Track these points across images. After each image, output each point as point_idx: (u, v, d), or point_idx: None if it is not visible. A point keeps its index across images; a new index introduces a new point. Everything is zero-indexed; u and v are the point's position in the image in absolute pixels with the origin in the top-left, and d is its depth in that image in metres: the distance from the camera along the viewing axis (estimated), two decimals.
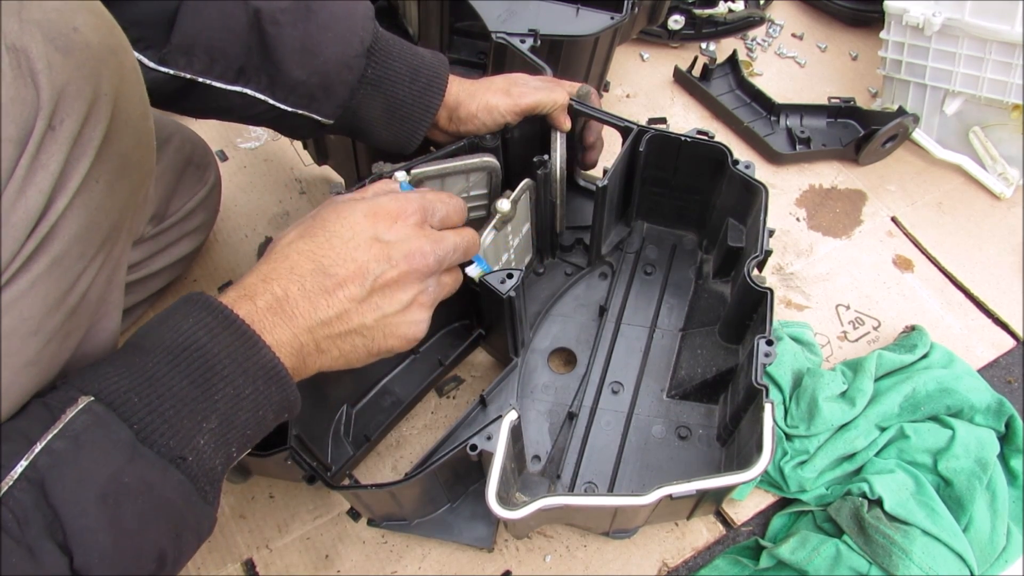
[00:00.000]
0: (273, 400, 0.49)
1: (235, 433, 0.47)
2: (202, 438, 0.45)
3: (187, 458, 0.44)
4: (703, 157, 0.79)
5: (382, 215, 0.56)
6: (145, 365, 0.45)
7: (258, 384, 0.48)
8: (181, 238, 0.89)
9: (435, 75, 0.71)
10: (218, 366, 0.46)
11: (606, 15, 0.94)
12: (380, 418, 0.81)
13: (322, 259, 0.53)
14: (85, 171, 0.43)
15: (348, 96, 0.67)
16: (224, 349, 0.46)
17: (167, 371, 0.45)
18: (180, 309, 0.48)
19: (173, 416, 0.44)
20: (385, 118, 0.70)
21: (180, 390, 0.45)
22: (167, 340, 0.46)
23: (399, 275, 0.55)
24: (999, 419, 0.81)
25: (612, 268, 0.90)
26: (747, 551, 0.78)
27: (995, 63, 0.94)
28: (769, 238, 0.72)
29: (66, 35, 0.41)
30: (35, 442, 0.40)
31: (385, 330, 0.56)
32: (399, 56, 0.69)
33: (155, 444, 0.43)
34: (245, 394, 0.47)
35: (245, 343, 0.47)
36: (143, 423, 0.43)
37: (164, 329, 0.46)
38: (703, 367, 0.80)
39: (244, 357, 0.47)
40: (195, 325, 0.46)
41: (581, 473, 0.77)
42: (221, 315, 0.47)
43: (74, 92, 0.41)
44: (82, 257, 0.46)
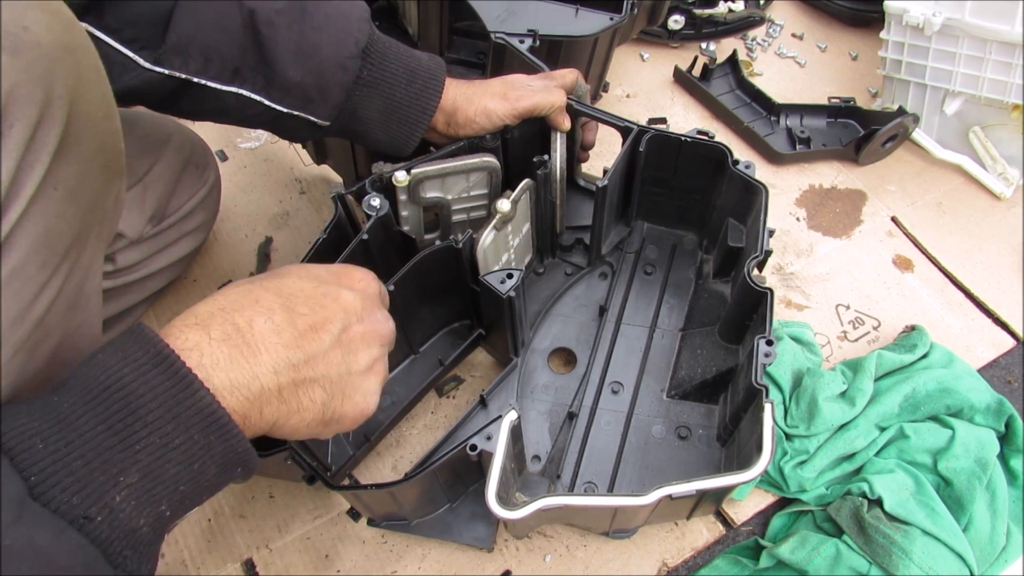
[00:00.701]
0: (214, 452, 0.42)
1: (164, 489, 0.40)
2: (118, 494, 0.39)
3: (94, 518, 0.38)
4: (703, 157, 0.79)
5: (345, 275, 0.54)
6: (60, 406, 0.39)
7: (192, 432, 0.41)
8: (181, 238, 0.89)
9: (432, 77, 0.71)
10: (141, 410, 0.39)
11: (605, 15, 0.94)
12: (380, 418, 0.81)
13: (291, 297, 0.48)
14: (40, 178, 0.41)
15: (344, 98, 0.67)
16: (151, 391, 0.40)
17: (81, 413, 0.39)
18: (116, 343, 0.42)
19: (81, 468, 0.38)
20: (381, 120, 0.70)
21: (93, 436, 0.38)
22: (90, 378, 0.40)
23: (364, 332, 0.51)
24: (999, 419, 0.81)
25: (612, 268, 0.90)
26: (747, 551, 0.78)
27: (995, 63, 0.94)
28: (769, 238, 0.72)
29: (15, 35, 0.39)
30: None
31: (344, 389, 0.50)
32: (395, 58, 0.69)
33: (52, 500, 0.37)
34: (175, 444, 0.40)
35: (177, 383, 0.40)
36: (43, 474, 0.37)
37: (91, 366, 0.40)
38: (703, 367, 0.80)
39: (175, 401, 0.40)
40: (122, 361, 0.40)
41: (581, 473, 0.77)
42: (153, 349, 0.41)
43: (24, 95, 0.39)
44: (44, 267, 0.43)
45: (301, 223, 1.02)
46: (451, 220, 0.79)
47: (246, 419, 0.44)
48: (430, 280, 0.75)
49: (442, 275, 0.76)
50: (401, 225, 0.75)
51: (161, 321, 0.94)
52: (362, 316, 0.51)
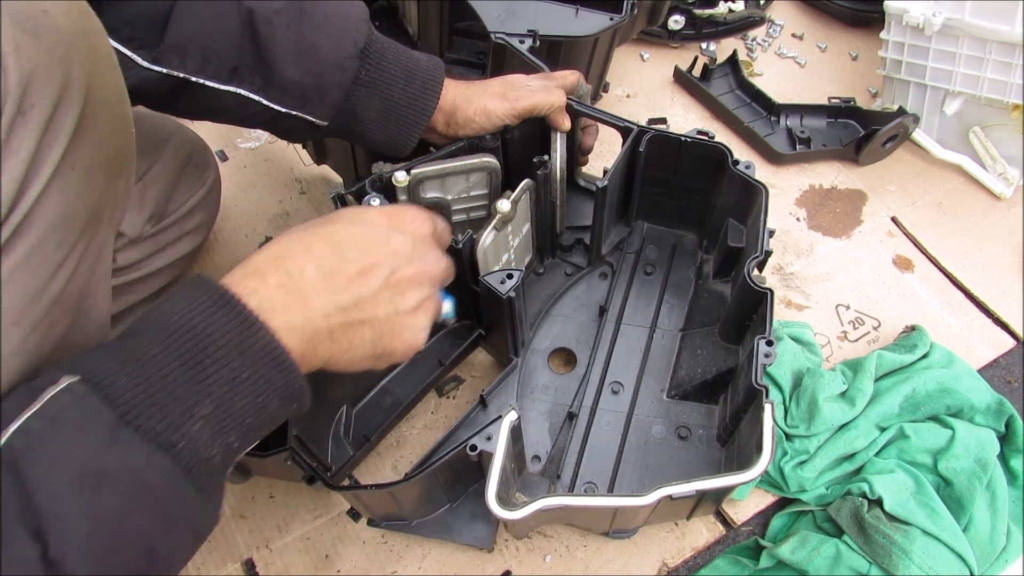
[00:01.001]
0: (276, 386, 0.45)
1: (233, 421, 0.44)
2: (195, 424, 0.42)
3: (177, 444, 0.41)
4: (703, 157, 0.79)
5: (397, 216, 0.55)
6: (136, 347, 0.42)
7: (257, 367, 0.44)
8: (181, 237, 0.89)
9: (430, 78, 0.71)
10: (211, 347, 0.43)
11: (605, 16, 0.94)
12: (380, 418, 0.81)
13: (340, 243, 0.50)
14: (59, 157, 0.42)
15: (342, 98, 0.67)
16: (218, 330, 0.43)
17: (157, 352, 0.42)
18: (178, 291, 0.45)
19: (162, 399, 0.41)
20: (380, 120, 0.70)
21: (170, 372, 0.42)
22: (160, 321, 0.43)
23: (414, 273, 0.53)
24: (999, 419, 0.81)
25: (612, 268, 0.90)
26: (747, 551, 0.78)
27: (995, 63, 0.94)
28: (769, 238, 0.72)
29: (35, 18, 0.40)
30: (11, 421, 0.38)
31: (393, 328, 0.53)
32: (394, 58, 0.69)
33: (140, 427, 0.40)
34: (242, 378, 0.43)
35: (240, 323, 0.44)
36: (129, 405, 0.40)
37: (159, 312, 0.44)
38: (703, 367, 0.80)
39: (240, 338, 0.44)
40: (189, 305, 0.43)
41: (581, 473, 0.77)
42: (216, 294, 0.44)
43: (44, 77, 0.41)
44: (61, 245, 0.45)
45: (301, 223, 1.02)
46: (451, 220, 0.79)
47: (302, 357, 0.47)
48: None
49: None
50: None
51: None
52: (412, 258, 0.53)
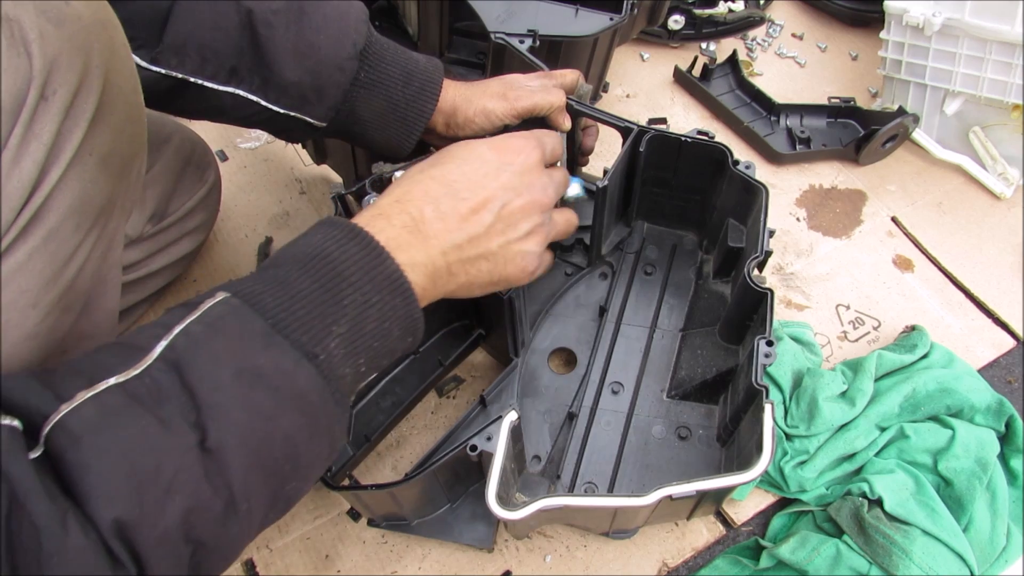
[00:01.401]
0: (399, 314, 0.49)
1: (363, 342, 0.47)
2: (333, 341, 0.45)
3: (319, 356, 0.44)
4: (703, 157, 0.79)
5: (507, 148, 0.58)
6: (276, 273, 0.46)
7: (384, 294, 0.48)
8: (181, 237, 0.89)
9: (429, 79, 0.71)
10: (346, 272, 0.46)
11: (605, 16, 0.94)
12: (380, 418, 0.81)
13: (454, 184, 0.54)
14: (78, 143, 0.44)
15: (340, 99, 0.67)
16: (351, 258, 0.47)
17: (297, 276, 0.45)
18: (310, 230, 0.49)
19: (305, 315, 0.44)
20: (379, 121, 0.70)
21: (310, 292, 0.45)
22: (297, 252, 0.47)
23: (524, 204, 0.57)
24: (999, 419, 0.81)
25: (612, 268, 0.90)
26: (747, 551, 0.78)
27: (995, 63, 0.94)
28: (769, 238, 0.72)
29: (58, 7, 0.42)
30: (174, 327, 0.41)
31: (507, 256, 0.57)
32: (393, 60, 0.69)
33: (289, 336, 0.43)
34: (372, 302, 0.47)
35: (371, 253, 0.48)
36: (276, 318, 0.43)
37: (293, 246, 0.48)
38: (703, 367, 0.80)
39: (371, 266, 0.47)
40: (323, 238, 0.47)
41: (581, 473, 0.77)
42: (347, 229, 0.48)
43: (66, 63, 0.42)
44: (77, 230, 0.46)
45: (301, 223, 1.02)
46: None
47: (424, 291, 0.51)
48: None
49: None
50: None
51: None
52: (520, 189, 0.57)
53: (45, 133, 0.42)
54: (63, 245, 0.46)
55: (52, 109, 0.42)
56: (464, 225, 0.54)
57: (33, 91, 0.41)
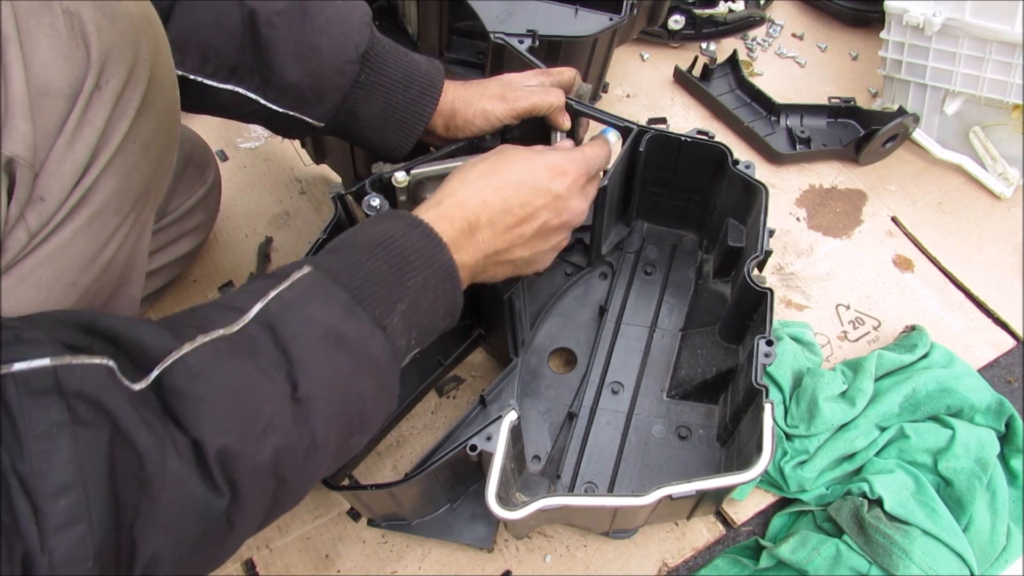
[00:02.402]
0: (447, 297, 0.55)
1: (418, 319, 0.53)
2: (396, 316, 0.50)
3: (387, 327, 0.50)
4: (703, 157, 0.79)
5: (559, 171, 0.63)
6: (348, 255, 0.51)
7: (439, 279, 0.54)
8: (180, 237, 0.89)
9: (430, 83, 0.71)
10: (411, 256, 0.52)
11: (605, 16, 0.94)
12: None
13: (508, 198, 0.60)
14: (125, 130, 0.46)
15: (340, 101, 0.67)
16: (414, 244, 0.53)
17: (368, 258, 0.51)
18: (372, 220, 0.55)
19: (376, 291, 0.50)
20: (378, 123, 0.70)
21: (380, 272, 0.50)
22: (365, 238, 0.52)
23: (559, 224, 0.64)
24: (999, 419, 0.81)
25: (612, 268, 0.90)
26: (747, 551, 0.78)
27: (995, 63, 0.94)
28: (769, 238, 0.72)
29: (112, 4, 0.45)
30: (267, 293, 0.46)
31: (530, 260, 0.65)
32: (394, 62, 0.69)
33: (366, 308, 0.49)
34: (430, 284, 0.53)
35: (431, 242, 0.54)
36: (355, 292, 0.49)
37: (360, 232, 0.53)
38: (703, 367, 0.80)
39: (431, 253, 0.53)
40: (389, 226, 0.53)
41: (581, 473, 0.77)
42: (411, 220, 0.54)
43: (118, 55, 0.45)
44: (117, 213, 0.49)
45: (301, 223, 1.02)
46: None
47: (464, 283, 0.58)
48: None
49: None
50: None
51: None
52: (561, 211, 0.64)
53: (98, 119, 0.44)
54: (104, 227, 0.48)
55: (105, 97, 0.45)
56: (507, 235, 0.61)
57: (90, 80, 0.43)
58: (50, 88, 0.42)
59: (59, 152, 0.43)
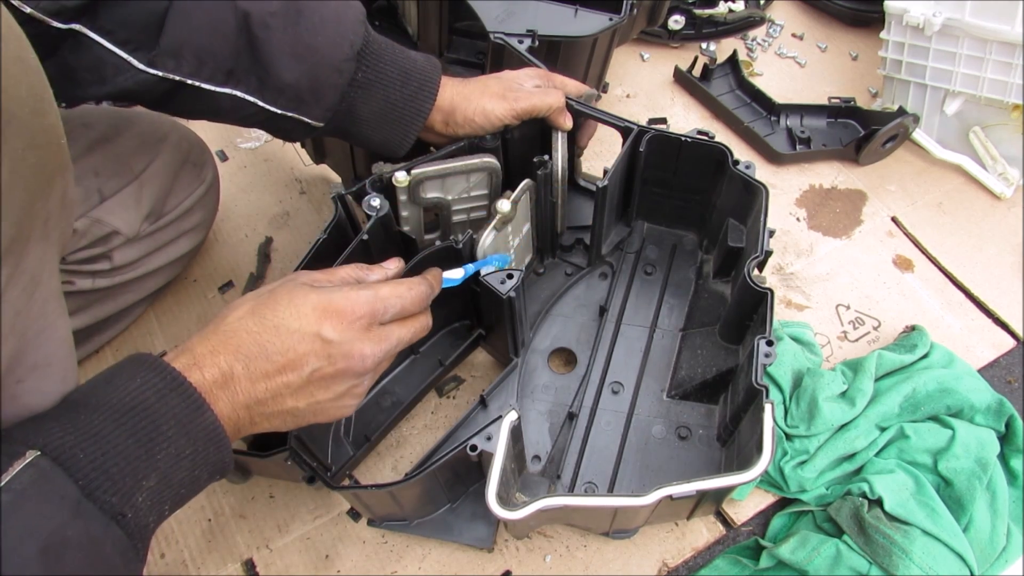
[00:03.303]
0: (210, 461, 0.50)
1: (171, 492, 0.47)
2: (141, 495, 0.45)
3: (127, 515, 0.44)
4: (703, 157, 0.79)
5: (331, 312, 0.55)
6: (91, 422, 0.44)
7: (198, 446, 0.48)
8: (179, 236, 0.89)
9: (427, 79, 0.71)
10: (163, 426, 0.46)
11: (605, 16, 0.94)
12: (380, 418, 0.81)
13: (266, 344, 0.53)
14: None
15: (337, 99, 0.67)
16: (171, 410, 0.47)
17: (112, 429, 0.44)
18: (126, 369, 0.48)
19: (116, 473, 0.44)
20: (376, 121, 0.70)
21: (124, 448, 0.44)
22: (113, 399, 0.46)
23: (335, 372, 0.56)
24: (999, 419, 0.81)
25: (612, 268, 0.90)
26: (747, 551, 0.78)
27: (995, 63, 0.94)
28: (769, 238, 0.72)
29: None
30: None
31: (315, 411, 0.57)
32: (390, 60, 0.69)
33: (98, 500, 0.43)
34: (185, 454, 0.47)
35: (190, 405, 0.48)
36: (88, 479, 0.42)
37: (111, 388, 0.46)
38: (703, 367, 0.80)
39: (189, 419, 0.48)
40: (143, 385, 0.47)
41: (581, 473, 0.77)
42: (169, 377, 0.48)
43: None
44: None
45: (301, 223, 1.02)
46: (451, 220, 0.79)
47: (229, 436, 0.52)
48: None
49: None
50: (401, 225, 0.75)
51: (161, 321, 0.94)
52: (335, 357, 0.55)
53: None
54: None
55: None
56: (268, 384, 0.53)
57: None
58: None
59: None
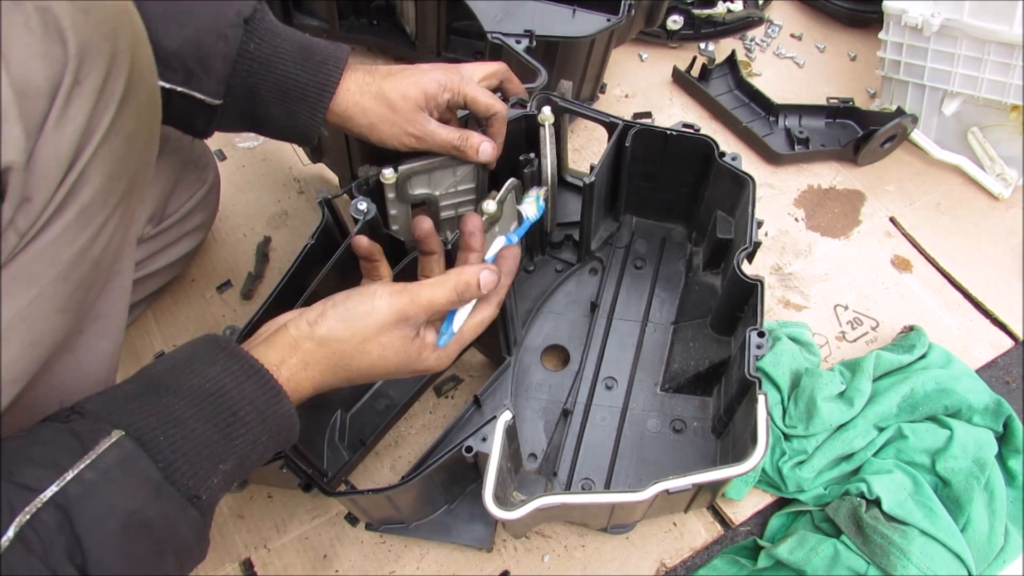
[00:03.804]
0: (280, 442, 0.53)
1: (242, 472, 0.50)
2: (216, 477, 0.48)
3: (201, 496, 0.47)
4: (690, 150, 0.79)
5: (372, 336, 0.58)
6: (172, 406, 0.47)
7: (272, 432, 0.51)
8: (180, 238, 0.89)
9: (329, 55, 0.68)
10: (241, 412, 0.49)
11: (602, 16, 0.94)
12: (375, 422, 0.81)
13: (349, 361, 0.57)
14: (108, 124, 0.46)
15: (228, 70, 0.64)
16: (247, 396, 0.50)
17: (193, 414, 0.47)
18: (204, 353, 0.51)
19: (196, 458, 0.46)
20: (279, 100, 0.67)
21: (204, 433, 0.47)
22: (194, 384, 0.49)
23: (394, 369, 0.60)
24: (997, 419, 0.81)
25: (602, 263, 0.90)
26: (745, 551, 0.78)
27: (993, 64, 0.94)
28: (758, 229, 0.72)
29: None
30: (66, 470, 0.42)
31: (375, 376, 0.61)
32: (288, 36, 0.66)
33: (177, 483, 0.45)
34: (261, 440, 0.50)
35: (267, 392, 0.51)
36: (167, 462, 0.45)
37: (190, 373, 0.49)
38: (696, 360, 0.80)
39: (266, 406, 0.51)
40: (222, 372, 0.50)
41: (577, 470, 0.77)
42: (247, 364, 0.51)
43: (96, 48, 0.44)
44: (105, 206, 0.48)
45: (299, 222, 1.02)
46: (439, 217, 0.79)
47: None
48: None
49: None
50: (390, 226, 0.75)
51: (159, 321, 0.94)
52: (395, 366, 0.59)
53: (80, 115, 0.44)
54: (93, 220, 0.47)
55: (85, 92, 0.44)
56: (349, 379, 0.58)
57: (68, 75, 0.43)
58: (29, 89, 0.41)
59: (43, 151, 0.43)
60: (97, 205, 0.47)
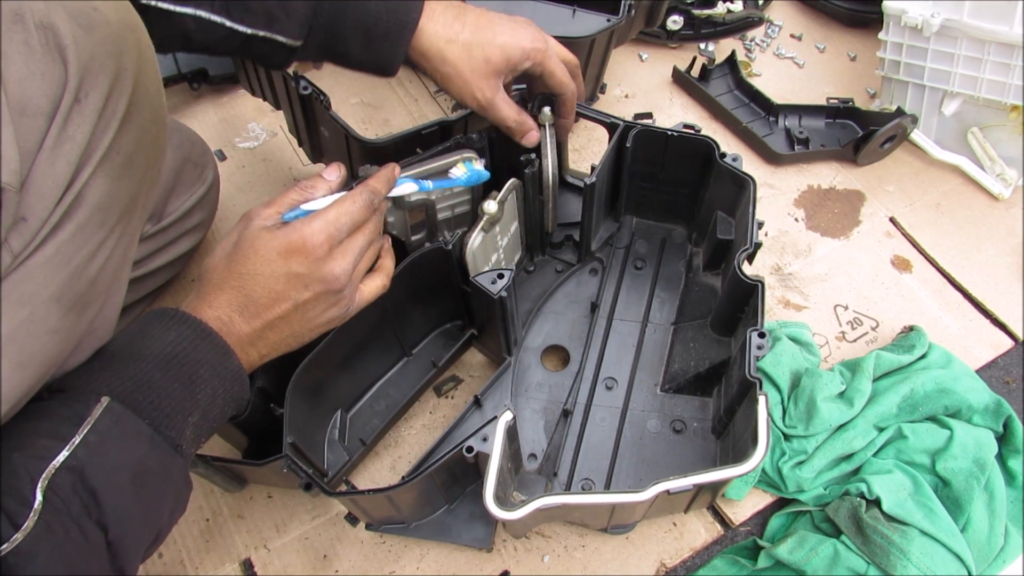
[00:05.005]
0: (235, 397, 0.57)
1: (207, 425, 0.55)
2: (188, 430, 0.52)
3: (182, 445, 0.52)
4: (690, 151, 0.79)
5: (293, 251, 0.59)
6: (141, 370, 0.51)
7: (227, 385, 0.56)
8: (180, 237, 0.89)
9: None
10: (200, 370, 0.53)
11: (602, 17, 0.94)
12: (375, 422, 0.81)
13: (250, 293, 0.59)
14: (108, 143, 0.46)
15: (310, 12, 0.64)
16: (203, 356, 0.54)
17: (160, 376, 0.51)
18: (157, 323, 0.54)
19: (170, 412, 0.51)
20: (361, 36, 0.67)
21: (172, 391, 0.51)
22: (156, 349, 0.52)
23: (315, 295, 0.61)
24: (997, 420, 0.81)
25: (602, 264, 0.90)
26: (745, 551, 0.78)
27: (993, 64, 0.94)
28: (759, 230, 0.72)
29: (87, 13, 0.44)
30: (71, 437, 0.46)
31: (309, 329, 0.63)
32: None
33: (162, 434, 0.50)
34: (218, 393, 0.55)
35: (219, 352, 0.55)
36: (151, 418, 0.50)
37: (149, 340, 0.53)
38: (696, 360, 0.80)
39: (219, 363, 0.55)
40: (179, 337, 0.54)
41: (578, 470, 0.77)
42: (199, 328, 0.55)
43: (98, 67, 0.44)
44: (103, 226, 0.48)
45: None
46: (437, 219, 0.79)
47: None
48: (421, 282, 0.75)
49: (433, 277, 0.76)
50: (388, 229, 0.75)
51: None
52: (311, 284, 0.60)
53: (79, 134, 0.44)
54: (90, 240, 0.47)
55: (85, 111, 0.44)
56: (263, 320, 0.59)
57: (68, 95, 0.43)
58: (28, 107, 0.41)
59: (40, 170, 0.42)
60: (94, 225, 0.47)
